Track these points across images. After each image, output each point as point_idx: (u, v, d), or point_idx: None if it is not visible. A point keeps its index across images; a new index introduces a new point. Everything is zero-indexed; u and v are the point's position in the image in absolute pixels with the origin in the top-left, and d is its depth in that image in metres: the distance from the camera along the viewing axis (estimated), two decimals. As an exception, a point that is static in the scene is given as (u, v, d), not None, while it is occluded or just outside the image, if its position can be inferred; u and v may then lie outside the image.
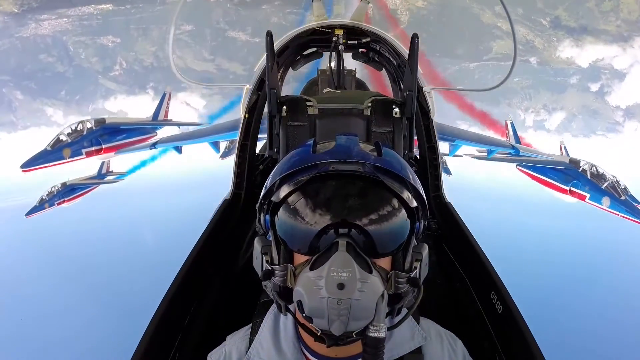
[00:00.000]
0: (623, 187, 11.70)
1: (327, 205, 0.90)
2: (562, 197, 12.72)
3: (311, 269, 0.86)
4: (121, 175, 15.35)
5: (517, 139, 14.56)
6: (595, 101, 29.99)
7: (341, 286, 0.80)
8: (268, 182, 0.97)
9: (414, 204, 0.93)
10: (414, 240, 0.96)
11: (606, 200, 11.54)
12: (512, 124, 14.91)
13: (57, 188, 13.76)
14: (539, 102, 30.19)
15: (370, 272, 0.85)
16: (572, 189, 12.27)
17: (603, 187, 11.68)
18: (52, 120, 28.97)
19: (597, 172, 12.01)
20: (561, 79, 30.09)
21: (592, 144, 28.91)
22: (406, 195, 0.92)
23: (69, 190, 13.96)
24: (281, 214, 0.93)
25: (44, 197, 13.65)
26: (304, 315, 0.86)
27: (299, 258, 0.92)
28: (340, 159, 0.89)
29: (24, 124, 29.13)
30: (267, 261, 0.94)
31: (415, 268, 0.94)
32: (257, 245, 0.97)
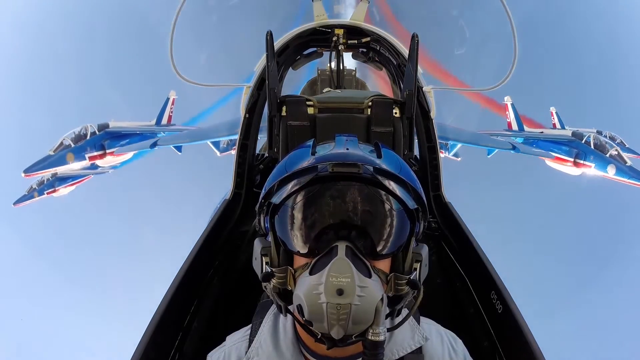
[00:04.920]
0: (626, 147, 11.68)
1: (326, 208, 0.89)
2: (568, 169, 12.56)
3: (310, 273, 0.86)
4: (114, 167, 15.16)
5: (519, 120, 13.97)
6: None
7: (340, 292, 0.80)
8: (267, 184, 0.97)
9: (414, 205, 0.93)
10: (414, 241, 0.96)
11: (611, 168, 11.50)
12: (512, 104, 14.23)
13: (47, 177, 13.53)
14: None
15: (370, 277, 0.85)
16: (577, 160, 12.17)
17: (607, 155, 11.64)
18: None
19: (601, 141, 11.95)
20: None
21: None
22: (405, 196, 0.92)
23: (60, 180, 13.74)
24: (280, 215, 0.93)
25: (33, 186, 13.44)
26: (303, 319, 0.86)
27: (299, 260, 0.91)
28: (339, 160, 0.89)
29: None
30: (266, 263, 0.94)
31: (415, 269, 0.93)
32: (256, 247, 0.97)
